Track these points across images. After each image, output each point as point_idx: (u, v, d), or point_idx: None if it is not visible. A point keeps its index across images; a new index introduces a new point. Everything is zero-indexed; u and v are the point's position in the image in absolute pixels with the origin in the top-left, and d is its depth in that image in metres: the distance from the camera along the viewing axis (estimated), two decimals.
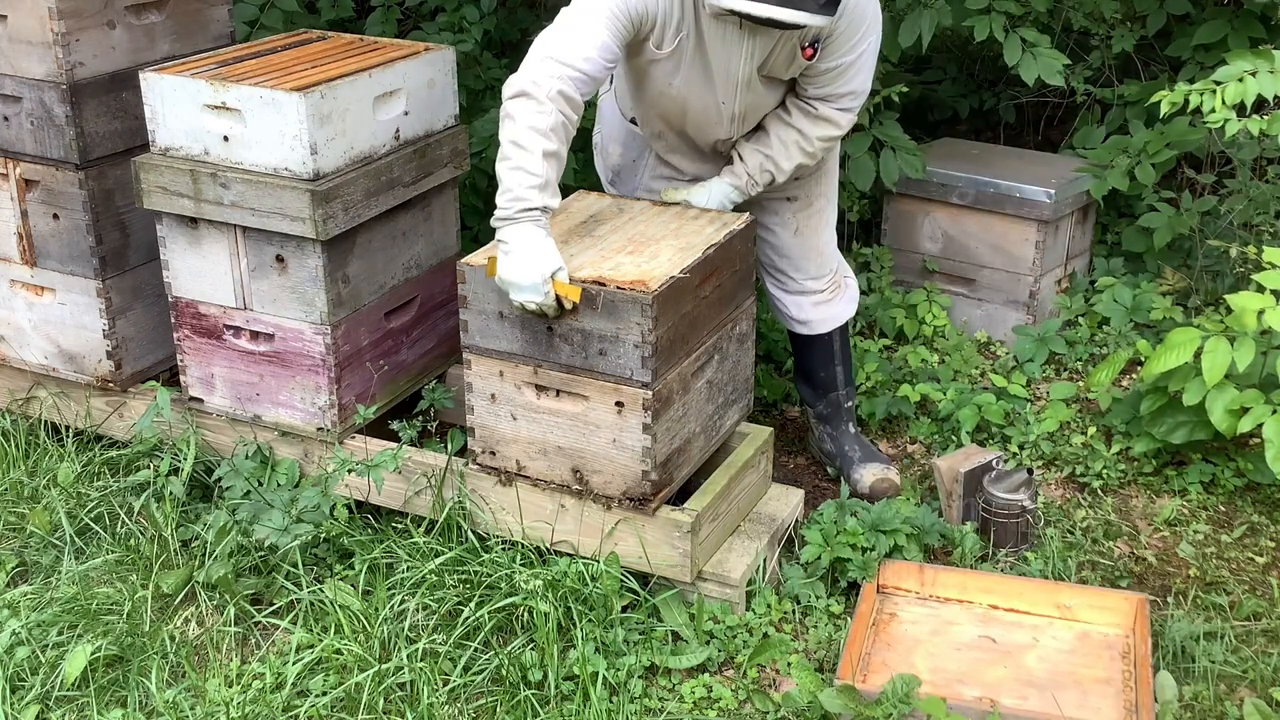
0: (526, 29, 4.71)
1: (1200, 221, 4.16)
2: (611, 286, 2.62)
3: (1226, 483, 3.32)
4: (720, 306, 2.88)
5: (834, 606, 2.88)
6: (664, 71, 2.92)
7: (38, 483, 3.28)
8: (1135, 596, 2.79)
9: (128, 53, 3.16)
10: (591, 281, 2.64)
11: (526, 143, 2.65)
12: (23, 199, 3.23)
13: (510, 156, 2.67)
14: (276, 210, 2.88)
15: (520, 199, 2.64)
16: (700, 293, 2.78)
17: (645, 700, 2.62)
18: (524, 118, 2.66)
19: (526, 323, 2.71)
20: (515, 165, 2.66)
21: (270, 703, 2.57)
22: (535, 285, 2.61)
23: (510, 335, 2.75)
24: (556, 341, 2.70)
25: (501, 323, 2.75)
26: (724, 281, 2.87)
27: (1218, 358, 3.10)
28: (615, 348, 2.64)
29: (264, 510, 2.93)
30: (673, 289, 2.65)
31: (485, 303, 2.76)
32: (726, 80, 2.91)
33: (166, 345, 3.36)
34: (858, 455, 3.40)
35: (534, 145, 2.65)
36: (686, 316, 2.73)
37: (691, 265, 2.72)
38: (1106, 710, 2.57)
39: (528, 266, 2.61)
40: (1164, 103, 3.21)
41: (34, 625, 2.78)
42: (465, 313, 2.80)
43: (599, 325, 2.64)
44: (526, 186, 2.64)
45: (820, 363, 3.43)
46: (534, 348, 2.73)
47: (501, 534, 2.92)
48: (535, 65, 2.70)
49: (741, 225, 2.93)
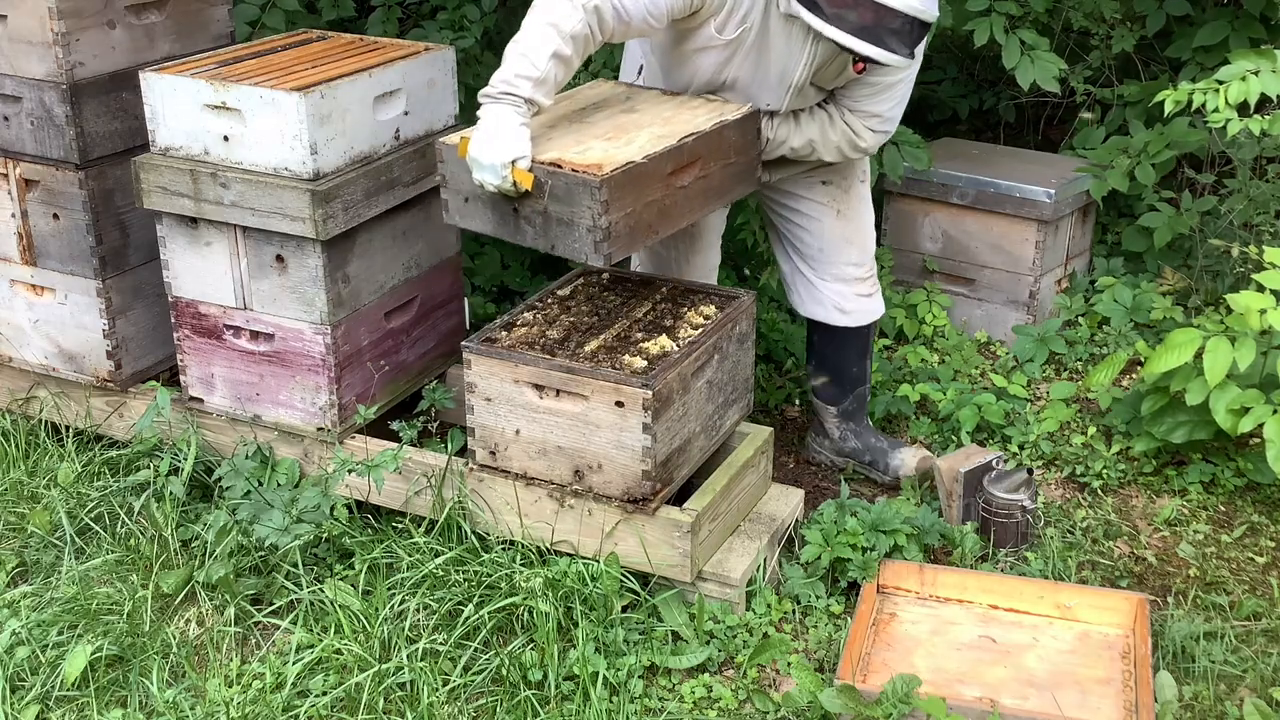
0: None
1: (1200, 221, 4.16)
2: (567, 169, 2.60)
3: (1226, 483, 3.32)
4: (707, 198, 2.85)
5: (834, 606, 2.88)
6: (713, 61, 2.88)
7: (38, 483, 3.28)
8: (1135, 596, 2.79)
9: (128, 53, 3.16)
10: (549, 164, 2.62)
11: (543, 35, 2.65)
12: (23, 199, 3.23)
13: (521, 42, 2.67)
14: (276, 210, 2.88)
15: (509, 84, 2.65)
16: (676, 181, 2.74)
17: (645, 700, 2.62)
18: (551, 12, 2.65)
19: (496, 203, 2.72)
20: (521, 52, 2.66)
21: (270, 703, 2.57)
22: (494, 167, 2.61)
23: (483, 215, 2.76)
24: (521, 223, 2.71)
25: (475, 202, 2.76)
26: (712, 172, 2.82)
27: (1219, 357, 3.10)
28: (570, 231, 2.64)
29: (264, 510, 2.93)
30: (628, 174, 2.61)
31: (459, 182, 2.76)
32: (780, 81, 2.89)
33: (166, 345, 3.36)
34: (886, 444, 3.41)
35: (548, 41, 2.64)
36: (654, 204, 2.70)
37: (659, 152, 2.68)
38: (1106, 710, 2.57)
39: (492, 148, 2.61)
40: (1168, 101, 3.21)
41: (34, 625, 2.78)
42: (445, 192, 2.81)
43: (557, 208, 2.64)
44: (520, 75, 2.64)
45: (854, 357, 3.39)
46: (503, 228, 2.74)
47: (501, 534, 2.92)
48: None
49: (736, 115, 2.88)
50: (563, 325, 2.93)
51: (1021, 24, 4.05)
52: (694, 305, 3.03)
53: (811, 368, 3.47)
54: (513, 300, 4.25)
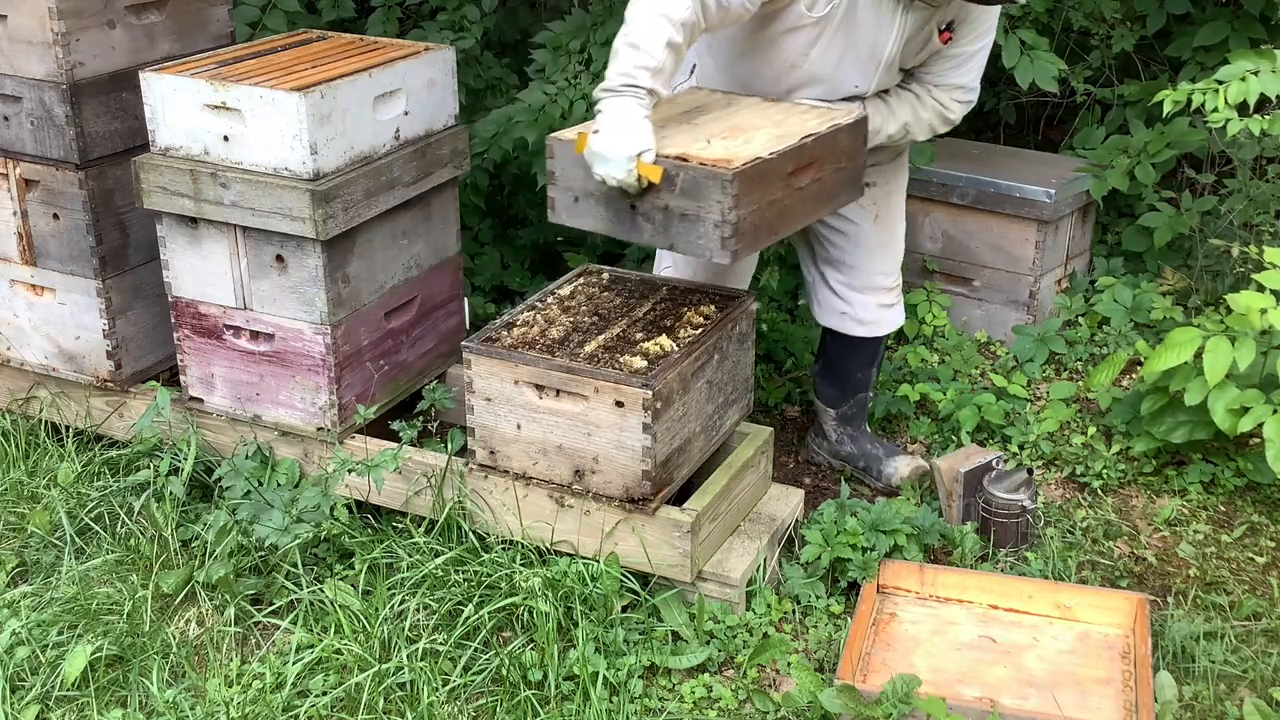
0: (526, 29, 4.72)
1: (1200, 221, 4.16)
2: (694, 163, 2.54)
3: (1226, 483, 3.32)
4: (819, 202, 2.79)
5: (834, 606, 2.88)
6: (801, 41, 2.84)
7: (38, 483, 3.28)
8: (1135, 596, 2.79)
9: (128, 53, 3.16)
10: (674, 158, 2.57)
11: (654, 25, 2.59)
12: (23, 199, 3.23)
13: (631, 34, 2.61)
14: (276, 210, 2.88)
15: (629, 76, 2.59)
16: (794, 182, 2.68)
17: (645, 700, 2.62)
18: (658, 1, 2.60)
19: (610, 200, 2.65)
20: (635, 43, 2.60)
21: (270, 703, 2.57)
22: (619, 161, 2.55)
23: (595, 213, 2.69)
24: (639, 220, 2.63)
25: (587, 200, 2.68)
26: (825, 176, 2.77)
27: (1219, 357, 3.10)
28: (695, 227, 2.57)
29: (264, 510, 2.93)
30: (757, 169, 2.55)
31: (571, 180, 2.69)
32: (870, 58, 2.86)
33: (166, 345, 3.36)
34: (882, 451, 3.41)
35: (661, 30, 2.59)
36: (776, 204, 2.64)
37: (783, 151, 2.63)
38: (1106, 710, 2.57)
39: (618, 142, 2.55)
40: (1167, 101, 3.21)
41: (34, 625, 2.78)
42: (552, 189, 2.73)
43: (680, 203, 2.57)
44: (639, 66, 2.59)
45: (862, 364, 3.38)
46: (617, 226, 2.67)
47: (501, 534, 2.92)
48: None
49: (849, 120, 2.82)
50: (563, 325, 2.93)
51: (1021, 24, 4.05)
52: (694, 305, 3.03)
53: (817, 368, 3.47)
54: (513, 300, 4.25)
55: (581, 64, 3.76)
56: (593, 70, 3.74)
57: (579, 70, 3.74)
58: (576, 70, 3.74)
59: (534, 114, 3.66)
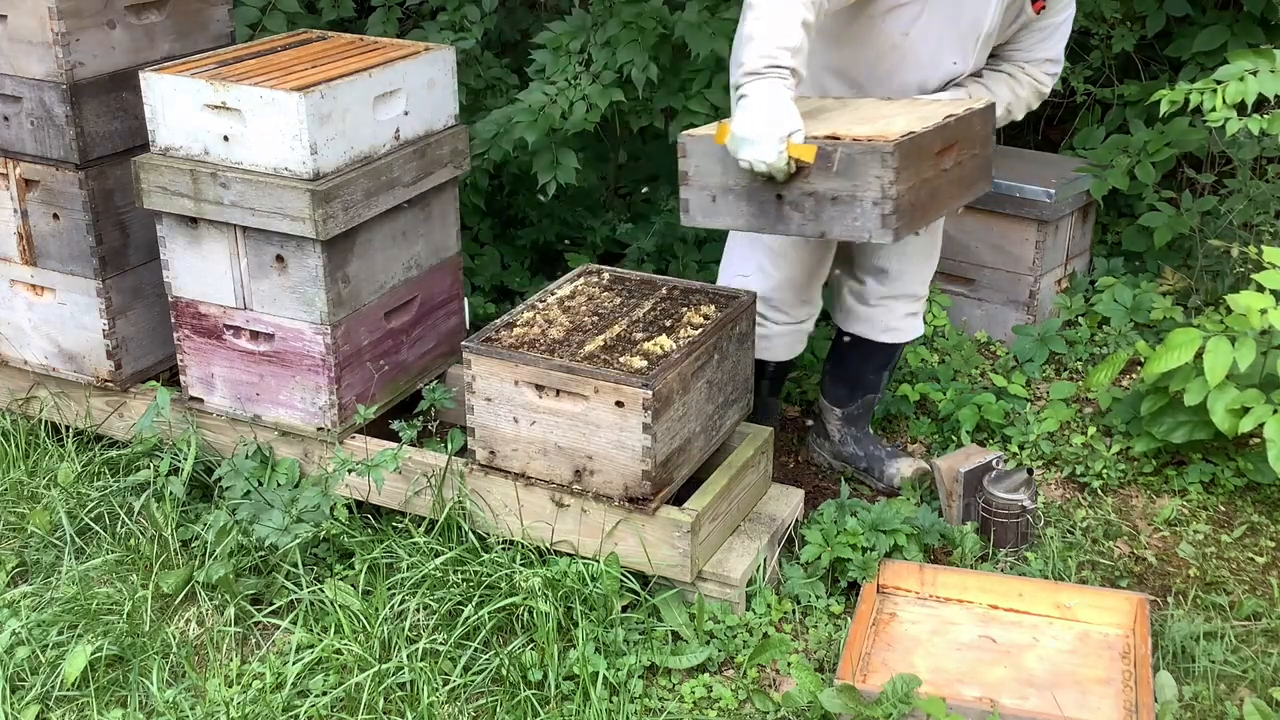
0: (526, 29, 4.71)
1: (1200, 221, 4.16)
2: (847, 139, 2.46)
3: (1226, 483, 3.32)
4: (960, 187, 2.70)
5: (834, 606, 2.88)
6: (903, 20, 2.80)
7: (38, 483, 3.28)
8: (1135, 596, 2.79)
9: (128, 52, 3.16)
10: (826, 138, 2.48)
11: (784, 5, 2.54)
12: (23, 199, 3.23)
13: (764, 17, 2.55)
14: (276, 210, 2.88)
15: (771, 56, 2.53)
16: (941, 163, 2.60)
17: (645, 700, 2.62)
18: None
19: (752, 193, 2.55)
20: (771, 23, 2.54)
21: (270, 703, 2.57)
22: (771, 143, 2.46)
23: (735, 209, 2.59)
24: (786, 210, 2.53)
25: (726, 197, 2.59)
26: (964, 160, 2.69)
27: (1219, 357, 3.10)
28: (851, 209, 2.46)
29: (264, 510, 2.93)
30: (913, 143, 2.46)
31: (709, 176, 2.59)
32: (969, 33, 2.83)
33: (166, 345, 3.36)
34: (886, 452, 3.41)
35: (793, 9, 2.54)
36: (928, 183, 2.55)
37: (933, 127, 2.54)
38: (1106, 710, 2.57)
39: (767, 123, 2.47)
40: (1164, 101, 3.21)
41: (34, 625, 2.78)
42: (686, 190, 2.63)
43: (833, 185, 2.46)
44: (779, 45, 2.53)
45: (876, 367, 3.37)
46: (761, 220, 2.57)
47: (501, 534, 2.92)
48: None
49: (982, 104, 2.77)
50: (563, 325, 2.93)
51: None
52: (694, 305, 3.03)
53: (827, 366, 3.46)
54: (513, 300, 4.25)
55: (582, 64, 3.76)
56: (593, 71, 3.74)
57: (579, 70, 3.74)
58: (577, 70, 3.74)
59: (534, 114, 3.66)
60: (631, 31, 3.67)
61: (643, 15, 3.69)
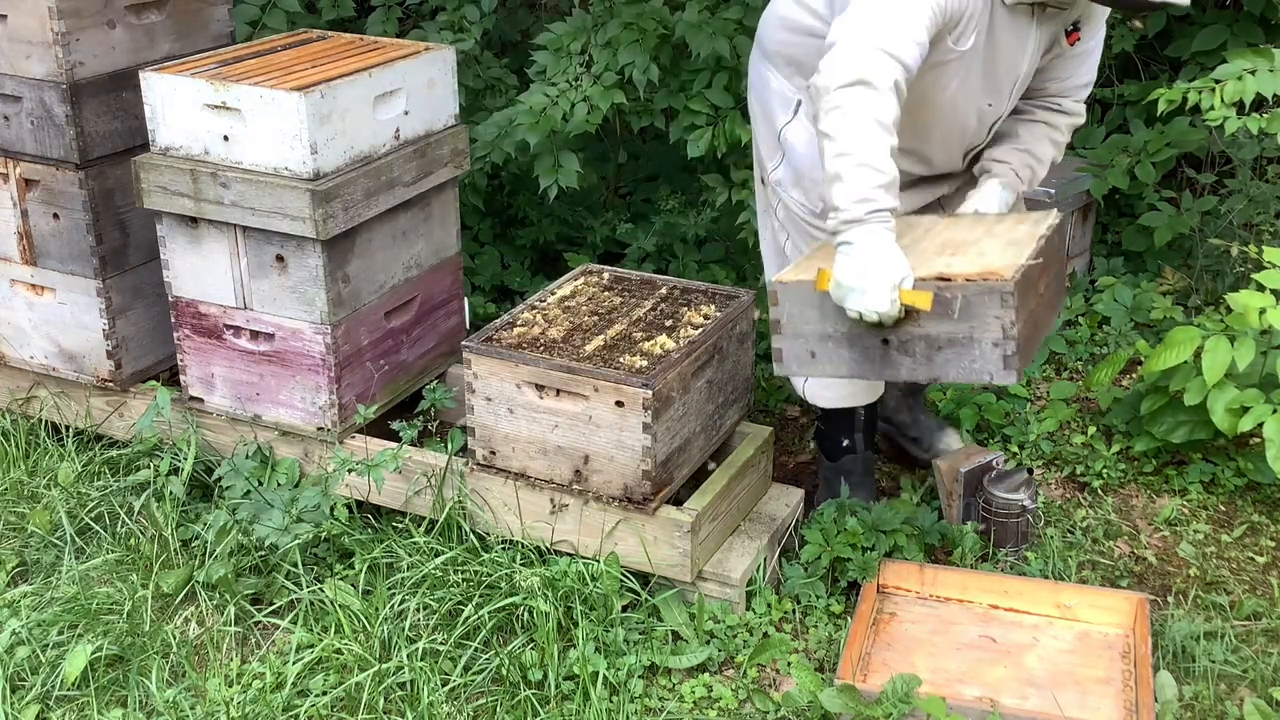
0: (527, 29, 4.71)
1: (1200, 221, 4.16)
2: (960, 279, 2.33)
3: (1226, 482, 3.32)
4: (1050, 310, 2.58)
5: (834, 606, 2.88)
6: (943, 77, 2.69)
7: (38, 483, 3.28)
8: (1135, 596, 2.79)
9: (128, 52, 3.16)
10: (935, 279, 2.37)
11: (872, 137, 2.42)
12: (23, 199, 3.23)
13: (851, 151, 2.42)
14: (276, 210, 2.88)
15: (868, 199, 2.42)
16: (1038, 289, 2.47)
17: (645, 700, 2.62)
18: (866, 109, 2.42)
19: (855, 339, 2.43)
20: (861, 161, 2.42)
21: (270, 702, 2.57)
22: (884, 292, 2.37)
23: (836, 356, 2.46)
24: (894, 355, 2.41)
25: (825, 344, 2.46)
26: (1052, 281, 2.57)
27: (1218, 357, 3.10)
28: (969, 351, 2.35)
29: (264, 510, 2.93)
30: (1026, 277, 2.34)
31: (804, 323, 2.47)
32: (1006, 77, 2.74)
33: (166, 345, 3.36)
34: (935, 424, 3.41)
35: (880, 140, 2.43)
36: (1033, 315, 2.43)
37: (1035, 253, 2.41)
38: (1106, 710, 2.57)
39: (878, 273, 2.38)
40: (1161, 100, 3.21)
41: (34, 625, 2.78)
42: (779, 338, 2.50)
43: (948, 328, 2.34)
44: (874, 185, 2.42)
45: None
46: (866, 366, 2.45)
47: (501, 533, 2.92)
48: (867, 56, 2.44)
49: (1056, 220, 2.65)
50: (563, 325, 2.93)
51: None
52: (694, 305, 3.03)
53: None
54: (513, 300, 4.25)
55: (583, 65, 3.76)
56: (594, 72, 3.74)
57: (580, 72, 3.74)
58: (577, 72, 3.74)
59: (535, 116, 3.66)
60: (632, 32, 3.67)
61: (643, 16, 3.69)
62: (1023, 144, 2.89)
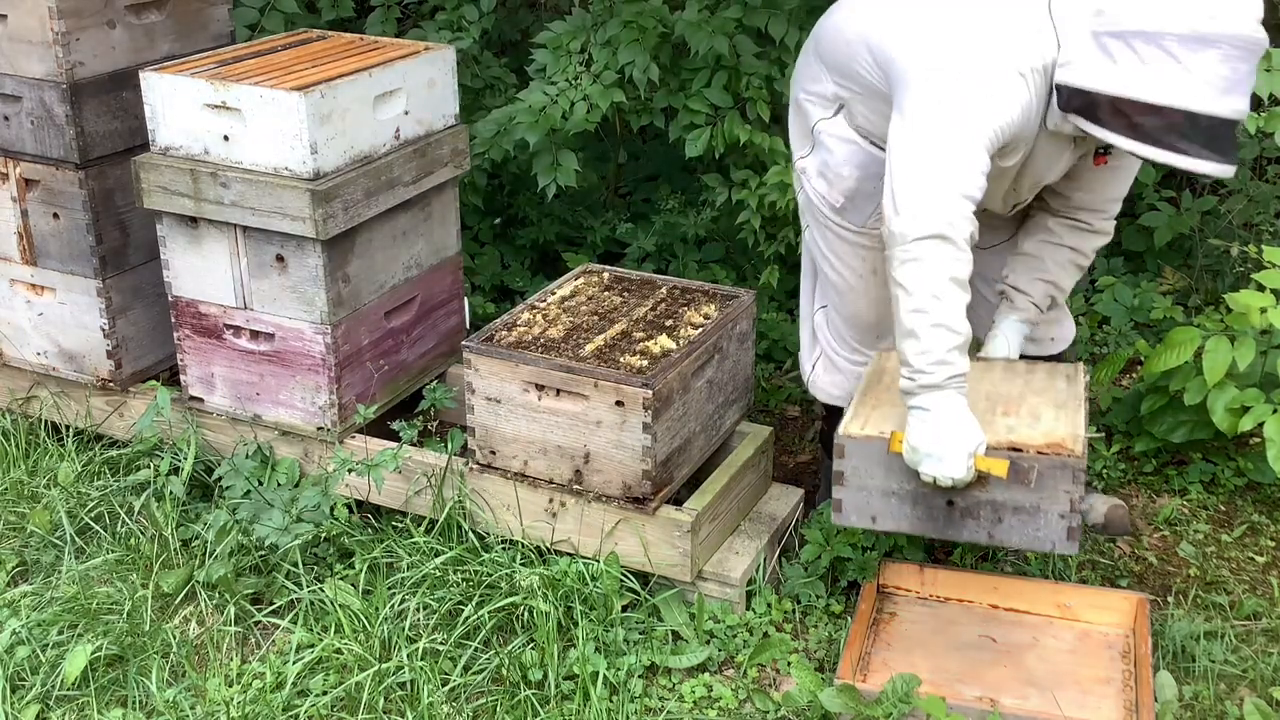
0: (526, 28, 4.71)
1: (1201, 221, 4.16)
2: (1032, 451, 2.40)
3: (1227, 482, 3.33)
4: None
5: (834, 606, 2.88)
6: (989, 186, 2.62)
7: (38, 482, 3.28)
8: (1135, 596, 2.79)
9: (128, 52, 3.16)
10: (1006, 448, 2.42)
11: (948, 296, 2.39)
12: (23, 198, 3.23)
13: (928, 310, 2.39)
14: (276, 210, 2.88)
15: (945, 363, 2.39)
16: None
17: (645, 700, 2.62)
18: (943, 265, 2.39)
19: (919, 498, 2.47)
20: (937, 321, 2.39)
21: (270, 702, 2.57)
22: (960, 459, 2.37)
23: (899, 512, 2.50)
24: (958, 516, 2.45)
25: (888, 500, 2.50)
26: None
27: (1218, 357, 3.10)
28: (1035, 519, 2.40)
29: (264, 510, 2.93)
30: (1087, 450, 2.43)
31: (869, 479, 2.50)
32: (1029, 188, 2.73)
33: (166, 345, 3.36)
34: None
35: (956, 299, 2.40)
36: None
37: (1086, 420, 2.51)
38: (1106, 710, 2.57)
39: (955, 440, 2.38)
40: None
41: (34, 625, 2.78)
42: (841, 490, 2.53)
43: (1016, 496, 2.40)
44: (950, 348, 2.39)
45: None
46: (928, 524, 2.49)
47: (501, 533, 2.92)
48: (944, 204, 2.40)
49: (1086, 376, 2.73)
50: (563, 325, 2.93)
51: None
52: (694, 305, 3.03)
53: None
54: (513, 300, 4.25)
55: (582, 64, 3.76)
56: (593, 71, 3.73)
57: (579, 71, 3.74)
58: (577, 71, 3.74)
59: (535, 115, 3.66)
60: (632, 31, 3.67)
61: (643, 15, 3.69)
62: (1048, 274, 2.84)
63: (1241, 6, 2.29)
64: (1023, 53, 2.46)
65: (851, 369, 3.00)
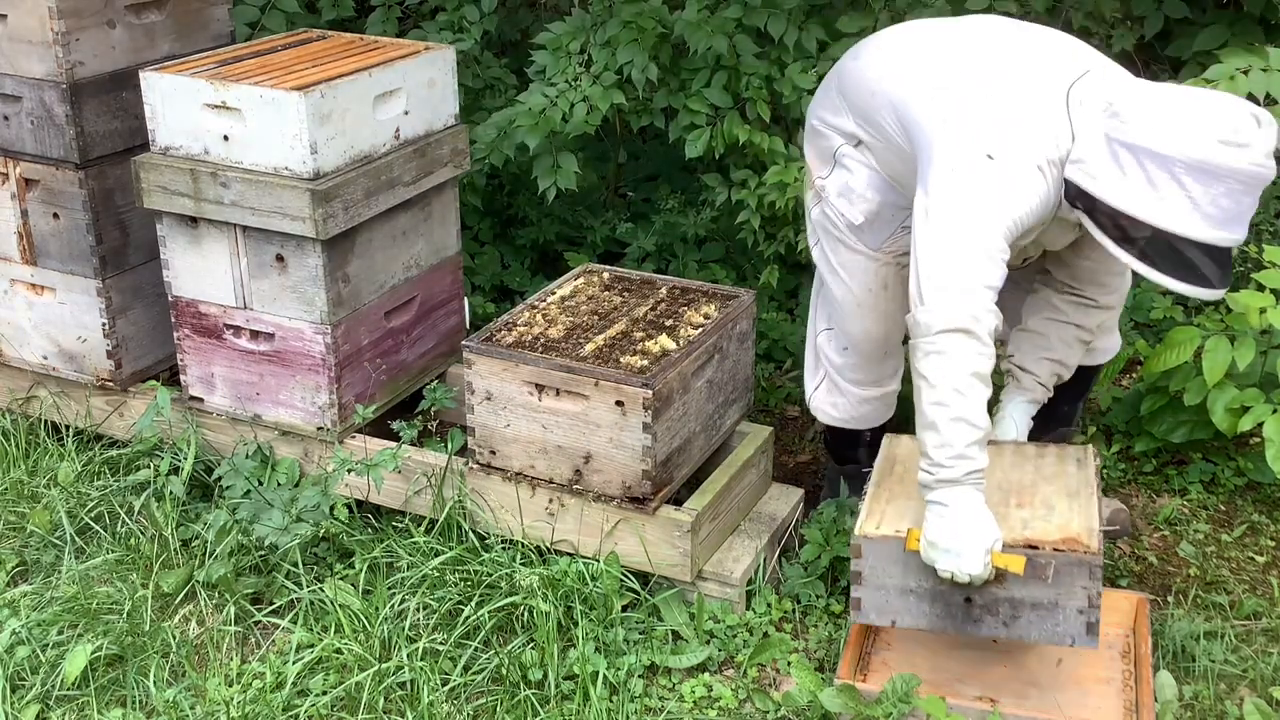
0: (526, 29, 4.71)
1: None
2: (1048, 549, 2.43)
3: (1227, 482, 3.32)
4: None
5: (834, 606, 2.88)
6: None
7: (38, 482, 3.28)
8: (1135, 596, 2.79)
9: (128, 52, 3.16)
10: (1023, 545, 2.44)
11: (970, 391, 2.41)
12: (23, 198, 3.23)
13: (949, 404, 2.41)
14: (276, 210, 2.88)
15: (965, 458, 2.41)
16: None
17: (645, 700, 2.62)
18: (966, 359, 2.41)
19: (938, 595, 2.50)
20: (957, 415, 2.41)
21: (270, 702, 2.57)
22: (977, 556, 2.39)
23: (917, 609, 2.52)
24: (976, 612, 2.48)
25: (906, 598, 2.52)
26: None
27: (1218, 357, 3.10)
28: (1053, 615, 2.43)
29: (264, 509, 2.93)
30: (1102, 545, 2.46)
31: (887, 577, 2.52)
32: (1041, 247, 2.76)
33: (166, 345, 3.36)
34: None
35: (978, 394, 2.42)
36: None
37: (1105, 518, 2.53)
38: (1106, 710, 2.57)
39: (972, 537, 2.40)
40: None
41: (34, 625, 2.78)
42: (859, 589, 2.55)
43: (1034, 593, 2.43)
44: (969, 443, 2.41)
45: (1074, 395, 3.12)
46: (947, 621, 2.52)
47: (501, 533, 2.92)
48: (970, 298, 2.43)
49: (1097, 461, 2.73)
50: (563, 325, 2.93)
51: None
52: (694, 305, 3.03)
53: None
54: (513, 300, 4.25)
55: (582, 65, 3.76)
56: (593, 71, 3.73)
57: (579, 71, 3.74)
58: (577, 72, 3.74)
59: (534, 117, 3.66)
60: (631, 31, 3.67)
61: (642, 15, 3.69)
62: (1053, 353, 2.87)
63: (1253, 138, 2.31)
64: (1041, 145, 2.48)
65: (855, 391, 3.02)
